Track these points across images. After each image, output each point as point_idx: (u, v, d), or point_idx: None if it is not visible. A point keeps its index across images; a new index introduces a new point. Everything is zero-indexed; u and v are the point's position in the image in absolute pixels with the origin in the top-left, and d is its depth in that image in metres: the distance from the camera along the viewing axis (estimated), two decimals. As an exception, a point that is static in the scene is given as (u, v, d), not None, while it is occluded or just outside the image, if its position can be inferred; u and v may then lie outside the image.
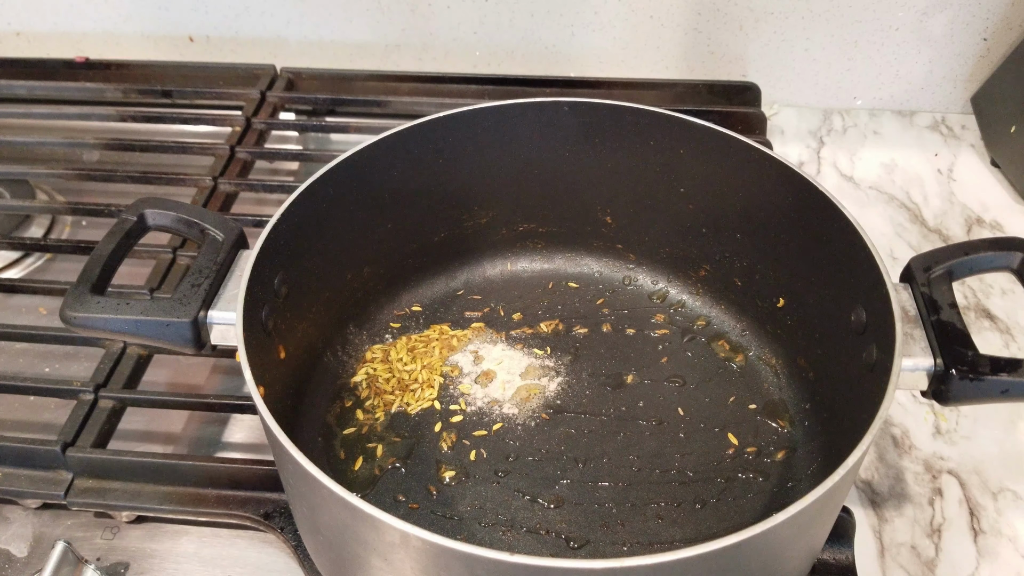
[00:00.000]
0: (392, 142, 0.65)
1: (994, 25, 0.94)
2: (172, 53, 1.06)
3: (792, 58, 0.99)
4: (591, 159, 0.70)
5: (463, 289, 0.74)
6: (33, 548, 0.61)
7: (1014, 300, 0.78)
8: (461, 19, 1.00)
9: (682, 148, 0.67)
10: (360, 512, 0.41)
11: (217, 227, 0.58)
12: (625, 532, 0.58)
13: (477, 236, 0.74)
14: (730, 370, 0.68)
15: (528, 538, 0.57)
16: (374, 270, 0.70)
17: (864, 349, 0.54)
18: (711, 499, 0.59)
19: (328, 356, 0.67)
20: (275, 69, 0.99)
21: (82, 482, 0.62)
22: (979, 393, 0.51)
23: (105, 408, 0.64)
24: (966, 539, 0.61)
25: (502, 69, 1.03)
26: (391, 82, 0.98)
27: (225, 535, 0.61)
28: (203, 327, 0.54)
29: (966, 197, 0.90)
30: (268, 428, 0.46)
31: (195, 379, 0.73)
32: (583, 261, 0.76)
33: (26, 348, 0.75)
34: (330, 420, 0.64)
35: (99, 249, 0.56)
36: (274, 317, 0.58)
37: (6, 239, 0.82)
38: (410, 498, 0.60)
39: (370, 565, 0.46)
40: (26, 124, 0.98)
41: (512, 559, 0.39)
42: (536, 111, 0.68)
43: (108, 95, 0.97)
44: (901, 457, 0.66)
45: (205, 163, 0.87)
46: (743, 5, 0.95)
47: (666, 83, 0.97)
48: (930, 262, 0.56)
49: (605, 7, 0.97)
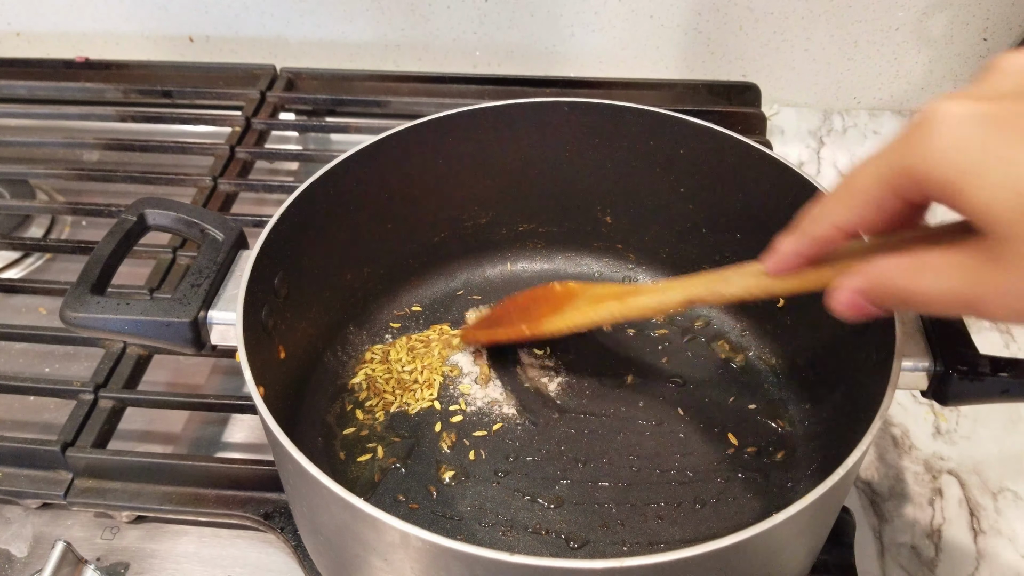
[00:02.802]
0: (392, 142, 0.65)
1: (994, 25, 0.94)
2: (172, 53, 1.06)
3: (792, 58, 0.99)
4: (591, 159, 0.70)
5: (463, 289, 0.74)
6: (33, 548, 0.61)
7: (1014, 300, 0.78)
8: (461, 19, 1.00)
9: (682, 148, 0.67)
10: (360, 512, 0.41)
11: (217, 227, 0.58)
12: (625, 532, 0.58)
13: (477, 236, 0.74)
14: (730, 370, 0.68)
15: (528, 538, 0.57)
16: (374, 270, 0.70)
17: (864, 349, 0.54)
18: (711, 499, 0.59)
19: (328, 356, 0.67)
20: (275, 69, 0.99)
21: (82, 482, 0.62)
22: (979, 393, 0.51)
23: (105, 408, 0.64)
24: (966, 539, 0.61)
25: (502, 69, 1.03)
26: (391, 82, 0.98)
27: (225, 535, 0.61)
28: (203, 327, 0.54)
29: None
30: (268, 428, 0.46)
31: (195, 379, 0.73)
32: (583, 261, 0.76)
33: (26, 348, 0.75)
34: (330, 420, 0.64)
35: (99, 249, 0.56)
36: (274, 317, 0.58)
37: (6, 239, 0.82)
38: (410, 498, 0.60)
39: (370, 565, 0.46)
40: (26, 124, 0.98)
41: (512, 559, 0.39)
42: (536, 111, 0.68)
43: (108, 95, 0.97)
44: (901, 457, 0.66)
45: (205, 163, 0.87)
46: (743, 5, 0.95)
47: (666, 83, 0.97)
48: (930, 262, 0.56)
49: (605, 7, 0.97)
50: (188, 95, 0.97)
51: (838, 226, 0.39)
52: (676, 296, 0.55)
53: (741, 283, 0.49)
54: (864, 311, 0.40)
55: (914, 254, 0.37)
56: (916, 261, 0.37)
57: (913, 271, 0.37)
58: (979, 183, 0.32)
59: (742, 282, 0.49)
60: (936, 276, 0.36)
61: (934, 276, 0.36)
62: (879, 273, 0.38)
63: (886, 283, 0.38)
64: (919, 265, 0.36)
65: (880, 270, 0.38)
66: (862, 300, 0.39)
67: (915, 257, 0.37)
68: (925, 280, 0.36)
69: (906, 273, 0.37)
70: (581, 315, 0.62)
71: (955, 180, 0.33)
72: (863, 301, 0.39)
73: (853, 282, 0.39)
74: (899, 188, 0.36)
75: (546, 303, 0.65)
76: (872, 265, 0.39)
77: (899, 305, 0.39)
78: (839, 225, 0.39)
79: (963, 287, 0.35)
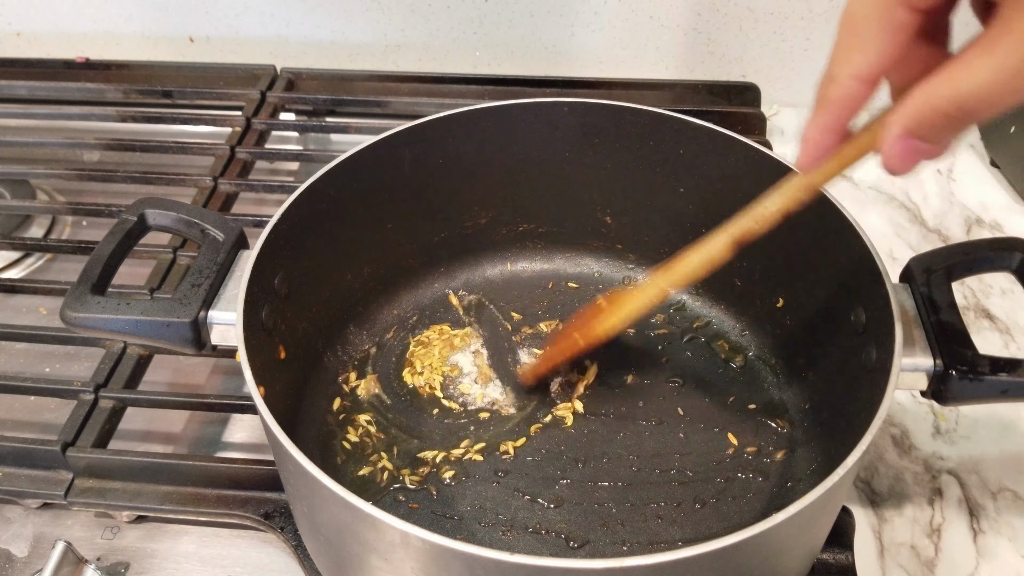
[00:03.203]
0: (392, 142, 0.65)
1: (994, 25, 0.94)
2: (172, 53, 1.06)
3: (792, 58, 0.99)
4: (591, 159, 0.70)
5: (463, 289, 0.74)
6: (33, 548, 0.61)
7: (1014, 300, 0.78)
8: (461, 19, 1.00)
9: (682, 148, 0.67)
10: (360, 512, 0.41)
11: (217, 227, 0.58)
12: (625, 532, 0.58)
13: (477, 236, 0.74)
14: (730, 370, 0.68)
15: (528, 538, 0.57)
16: (374, 270, 0.70)
17: (864, 349, 0.54)
18: (711, 499, 0.59)
19: (328, 356, 0.67)
20: (275, 69, 0.99)
21: (82, 482, 0.62)
22: (978, 393, 0.51)
23: (105, 408, 0.64)
24: (966, 539, 0.61)
25: (502, 69, 1.03)
26: (391, 82, 0.98)
27: (225, 535, 0.61)
28: (203, 327, 0.54)
29: (966, 197, 0.90)
30: (268, 428, 0.46)
31: (195, 379, 0.73)
32: (583, 261, 0.76)
33: (26, 348, 0.75)
34: (330, 420, 0.64)
35: (99, 249, 0.56)
36: (274, 317, 0.58)
37: (6, 239, 0.82)
38: (410, 498, 0.60)
39: (370, 565, 0.46)
40: (26, 124, 0.98)
41: (512, 559, 0.39)
42: (536, 111, 0.68)
43: (108, 95, 0.97)
44: (901, 457, 0.66)
45: (205, 163, 0.87)
46: (743, 5, 0.95)
47: (666, 83, 0.97)
48: (930, 262, 0.56)
49: (605, 7, 0.97)
50: (188, 95, 0.97)
51: (859, 75, 0.36)
52: (722, 241, 0.52)
53: (782, 197, 0.47)
54: (920, 153, 0.37)
55: (944, 68, 0.34)
56: (951, 71, 0.34)
57: (955, 81, 0.34)
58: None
59: (783, 196, 0.47)
60: (980, 69, 0.33)
61: (980, 70, 0.33)
62: (921, 103, 0.35)
63: (934, 107, 0.35)
64: (957, 72, 0.34)
65: (921, 99, 0.35)
66: (914, 142, 0.36)
67: (948, 69, 0.34)
68: (971, 80, 0.33)
69: (949, 86, 0.34)
70: (630, 303, 0.59)
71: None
72: (916, 142, 0.36)
73: (897, 127, 0.36)
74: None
75: (597, 315, 0.62)
76: (909, 100, 0.35)
77: (953, 125, 0.35)
78: (859, 73, 0.36)
79: (1014, 63, 0.32)
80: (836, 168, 0.43)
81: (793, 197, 0.47)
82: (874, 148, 0.38)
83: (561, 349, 0.64)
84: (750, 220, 0.50)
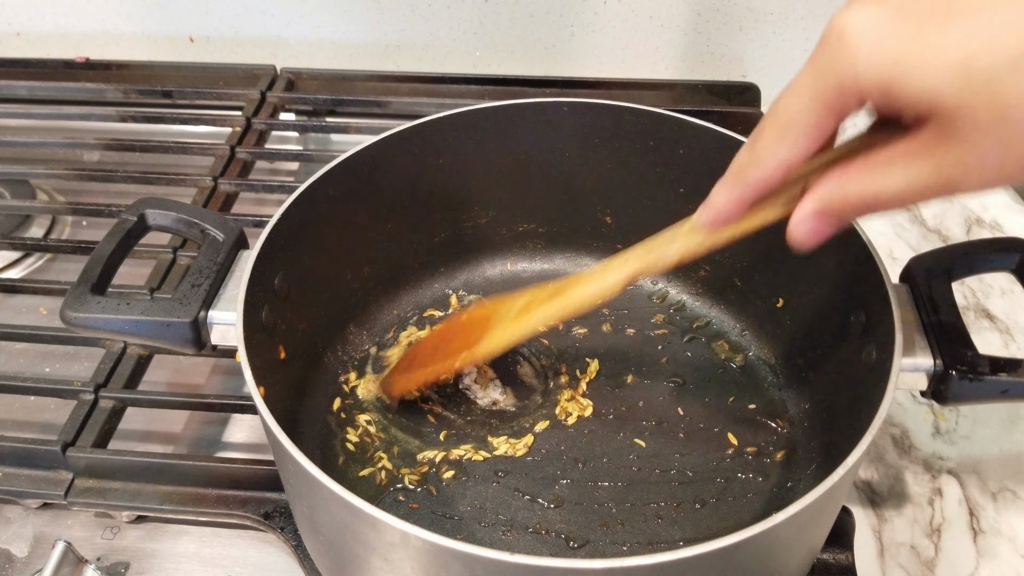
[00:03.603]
0: (392, 142, 0.65)
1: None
2: (172, 53, 1.06)
3: (792, 58, 0.99)
4: (591, 159, 0.70)
5: (463, 289, 0.74)
6: (33, 548, 0.61)
7: (1014, 300, 0.78)
8: (461, 19, 1.00)
9: (682, 148, 0.67)
10: (360, 512, 0.41)
11: (217, 227, 0.58)
12: (625, 532, 0.58)
13: (477, 236, 0.74)
14: (730, 370, 0.68)
15: (528, 538, 0.57)
16: (374, 270, 0.70)
17: (864, 349, 0.54)
18: (711, 499, 0.59)
19: (328, 356, 0.67)
20: (275, 69, 0.99)
21: (82, 482, 0.62)
22: (978, 393, 0.51)
23: (105, 408, 0.64)
24: (966, 539, 0.61)
25: (502, 69, 1.03)
26: (391, 82, 0.98)
27: (225, 535, 0.61)
28: (203, 327, 0.54)
29: (965, 197, 0.90)
30: (268, 428, 0.46)
31: (195, 379, 0.73)
32: (583, 261, 0.76)
33: (26, 348, 0.75)
34: (330, 420, 0.64)
35: (99, 249, 0.56)
36: (274, 317, 0.58)
37: (6, 239, 0.82)
38: (410, 498, 0.60)
39: (370, 565, 0.46)
40: (26, 124, 0.98)
41: (512, 559, 0.39)
42: (536, 111, 0.68)
43: (108, 95, 0.97)
44: (901, 457, 0.66)
45: (205, 163, 0.87)
46: (743, 5, 0.95)
47: (666, 83, 0.97)
48: (930, 262, 0.56)
49: (605, 7, 0.97)
50: (188, 95, 0.97)
51: (782, 165, 0.38)
52: (616, 276, 0.51)
53: (682, 244, 0.47)
54: (826, 233, 0.39)
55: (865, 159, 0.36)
56: (871, 165, 0.36)
57: (874, 175, 0.36)
58: (916, 71, 0.33)
59: (683, 242, 0.47)
60: (901, 171, 0.35)
61: (900, 171, 0.35)
62: (835, 188, 0.37)
63: (847, 195, 0.37)
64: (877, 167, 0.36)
65: (835, 185, 0.37)
66: (823, 223, 0.39)
67: (868, 161, 0.36)
68: (890, 178, 0.35)
69: (866, 178, 0.36)
70: (508, 331, 0.57)
71: (893, 76, 0.33)
72: (824, 224, 0.39)
73: (809, 207, 0.38)
74: (837, 104, 0.36)
75: (469, 331, 0.60)
76: (824, 184, 0.38)
77: (864, 212, 0.38)
78: (783, 163, 0.38)
79: (931, 173, 0.34)
80: (738, 231, 0.45)
81: (693, 249, 0.47)
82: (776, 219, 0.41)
83: (435, 370, 0.61)
84: (648, 259, 0.50)
